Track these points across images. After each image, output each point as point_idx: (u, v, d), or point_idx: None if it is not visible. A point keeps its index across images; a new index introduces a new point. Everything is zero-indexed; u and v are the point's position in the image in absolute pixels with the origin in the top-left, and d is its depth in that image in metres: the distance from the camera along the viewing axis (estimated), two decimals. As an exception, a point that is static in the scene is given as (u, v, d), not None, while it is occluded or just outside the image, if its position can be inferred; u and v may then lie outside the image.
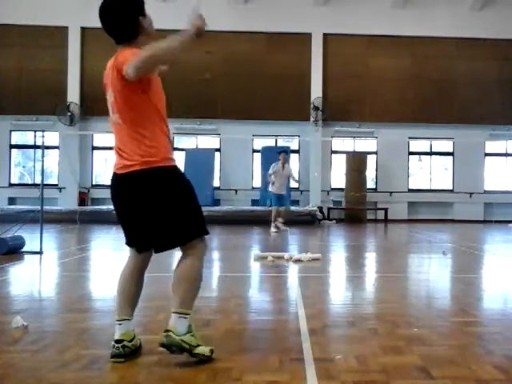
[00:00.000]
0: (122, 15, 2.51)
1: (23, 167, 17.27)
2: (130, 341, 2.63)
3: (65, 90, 15.64)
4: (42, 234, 7.03)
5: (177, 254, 2.66)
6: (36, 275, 5.60)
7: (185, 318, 2.56)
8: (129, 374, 2.49)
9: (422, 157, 17.01)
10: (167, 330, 2.53)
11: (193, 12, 2.44)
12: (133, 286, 2.71)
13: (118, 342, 2.59)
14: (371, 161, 16.18)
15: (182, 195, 2.59)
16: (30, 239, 7.48)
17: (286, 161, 11.54)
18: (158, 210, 2.54)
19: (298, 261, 6.33)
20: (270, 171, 11.23)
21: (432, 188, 16.63)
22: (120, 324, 2.65)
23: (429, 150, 16.88)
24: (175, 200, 2.56)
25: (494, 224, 15.04)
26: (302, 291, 4.47)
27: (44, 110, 15.56)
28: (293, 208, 14.38)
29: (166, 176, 2.55)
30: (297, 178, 12.47)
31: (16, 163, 16.89)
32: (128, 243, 2.77)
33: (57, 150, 16.09)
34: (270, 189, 11.36)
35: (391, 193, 16.04)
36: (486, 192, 16.30)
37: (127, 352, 2.61)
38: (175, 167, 2.62)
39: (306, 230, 11.55)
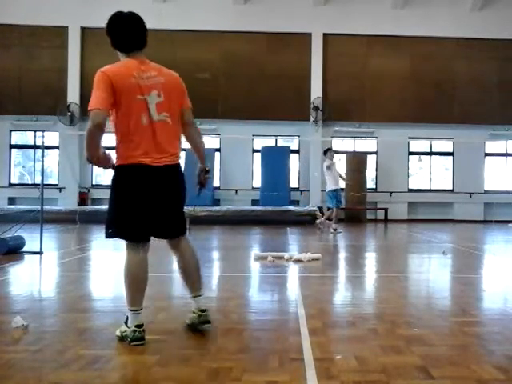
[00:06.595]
0: (145, 27, 3.03)
1: (23, 167, 17.27)
2: (143, 325, 2.94)
3: (65, 89, 15.63)
4: (41, 234, 7.02)
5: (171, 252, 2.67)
6: (36, 275, 5.60)
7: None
8: (129, 374, 2.49)
9: (422, 157, 17.00)
10: (204, 310, 3.10)
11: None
12: (147, 277, 2.99)
13: (139, 326, 2.88)
14: (371, 161, 16.17)
15: None
16: (30, 239, 7.48)
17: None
18: (184, 199, 3.14)
19: (298, 261, 6.33)
20: (328, 165, 10.99)
21: (432, 188, 16.62)
22: (138, 313, 2.92)
23: (429, 150, 16.88)
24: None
25: (493, 224, 15.02)
26: (301, 291, 4.47)
27: (44, 109, 15.54)
28: (293, 208, 14.43)
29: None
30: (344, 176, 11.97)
31: (16, 163, 16.88)
32: (142, 236, 2.95)
33: (57, 149, 16.09)
34: (335, 186, 11.10)
35: (391, 193, 16.04)
36: (486, 192, 16.30)
37: (144, 336, 2.90)
38: None
39: (306, 230, 11.54)
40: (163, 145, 2.92)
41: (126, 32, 2.93)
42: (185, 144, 3.20)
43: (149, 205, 2.91)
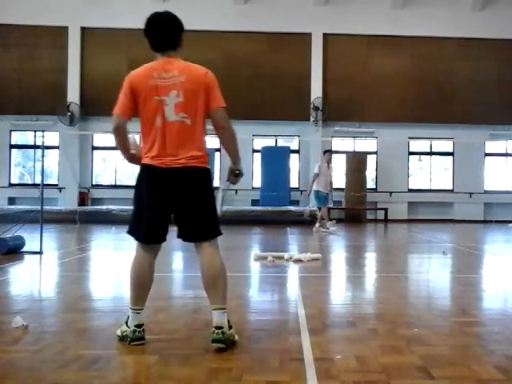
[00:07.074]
0: (179, 26, 3.02)
1: (23, 167, 17.27)
2: (143, 325, 2.92)
3: (65, 89, 15.62)
4: (41, 234, 7.02)
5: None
6: (36, 275, 5.60)
7: (226, 312, 2.84)
8: (129, 374, 2.50)
9: (422, 157, 17.01)
10: (219, 327, 2.75)
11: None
12: (151, 278, 2.98)
13: (139, 326, 2.86)
14: (371, 161, 16.17)
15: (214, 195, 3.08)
16: (30, 239, 7.48)
17: (331, 160, 11.46)
18: (207, 203, 2.93)
19: (298, 261, 6.33)
20: (317, 171, 11.10)
21: (432, 188, 16.63)
22: (138, 313, 2.90)
23: (429, 150, 16.88)
24: (213, 198, 3.02)
25: (493, 224, 15.02)
26: (301, 291, 4.47)
27: (44, 109, 15.53)
28: (293, 208, 14.43)
29: (210, 176, 3.02)
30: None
31: (16, 163, 16.89)
32: (148, 238, 2.91)
33: (57, 149, 16.08)
34: (317, 188, 11.12)
35: (391, 193, 16.03)
36: (486, 192, 16.30)
37: (144, 336, 2.88)
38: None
39: (306, 230, 11.54)
40: (175, 147, 2.83)
41: (152, 31, 2.93)
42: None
43: (156, 207, 2.86)
